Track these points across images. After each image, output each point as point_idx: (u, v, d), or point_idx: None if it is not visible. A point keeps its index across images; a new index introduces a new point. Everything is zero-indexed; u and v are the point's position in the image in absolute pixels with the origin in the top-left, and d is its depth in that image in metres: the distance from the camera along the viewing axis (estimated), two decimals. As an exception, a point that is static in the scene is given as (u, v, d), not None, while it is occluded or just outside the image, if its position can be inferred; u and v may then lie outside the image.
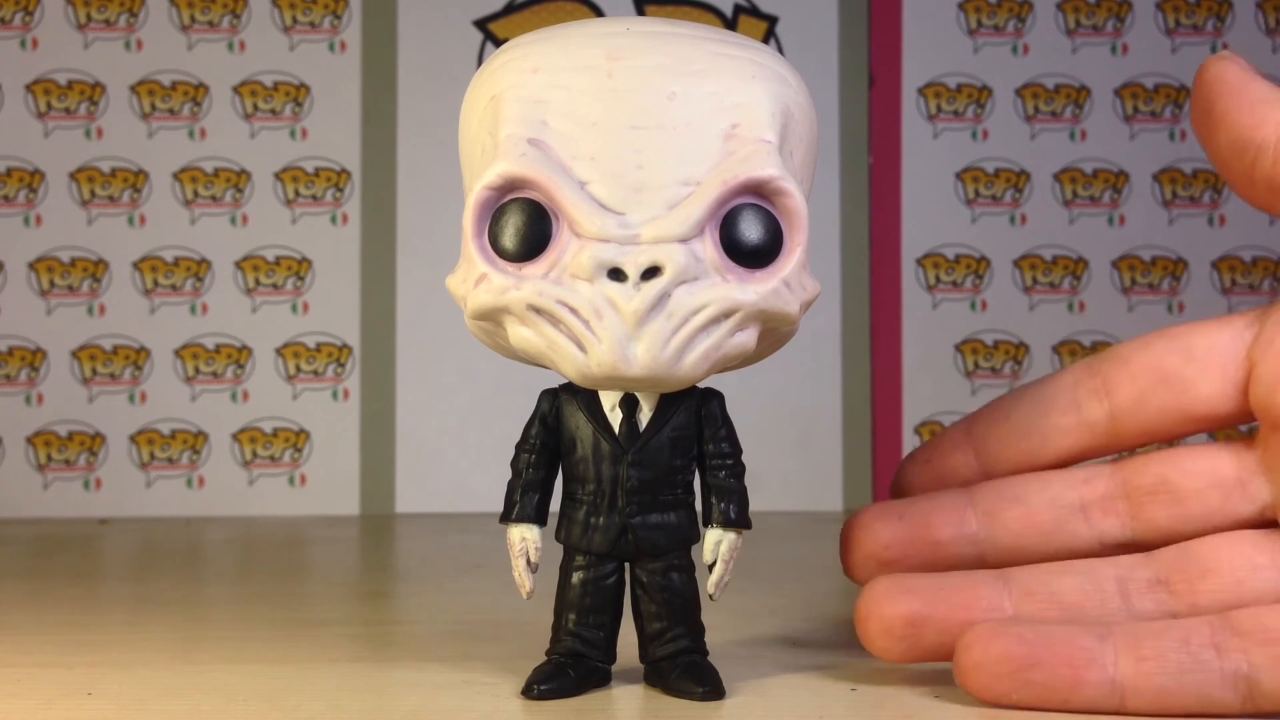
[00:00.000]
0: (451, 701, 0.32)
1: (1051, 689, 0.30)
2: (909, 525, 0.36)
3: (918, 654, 0.33)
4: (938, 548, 0.35)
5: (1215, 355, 0.34)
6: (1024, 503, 0.35)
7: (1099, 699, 0.30)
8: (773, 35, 0.75)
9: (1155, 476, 0.34)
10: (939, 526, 0.35)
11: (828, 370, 0.74)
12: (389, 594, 0.51)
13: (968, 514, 0.36)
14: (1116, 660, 0.30)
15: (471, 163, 0.33)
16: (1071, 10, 0.76)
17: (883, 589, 0.33)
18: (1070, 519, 0.35)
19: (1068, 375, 0.37)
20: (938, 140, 0.76)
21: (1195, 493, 0.34)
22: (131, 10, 0.73)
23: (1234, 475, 0.34)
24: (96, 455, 0.72)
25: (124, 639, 0.40)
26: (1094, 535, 0.35)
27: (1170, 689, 0.30)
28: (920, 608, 0.33)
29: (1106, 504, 0.35)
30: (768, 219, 0.30)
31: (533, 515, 0.33)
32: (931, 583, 0.33)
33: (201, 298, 0.73)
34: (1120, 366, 0.35)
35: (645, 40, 0.31)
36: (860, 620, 0.33)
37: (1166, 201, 0.76)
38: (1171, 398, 0.35)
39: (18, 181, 0.72)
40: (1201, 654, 0.30)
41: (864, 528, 0.36)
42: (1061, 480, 0.36)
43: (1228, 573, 0.32)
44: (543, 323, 0.30)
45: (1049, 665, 0.30)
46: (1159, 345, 0.35)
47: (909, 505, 0.36)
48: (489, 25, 0.74)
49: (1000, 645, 0.31)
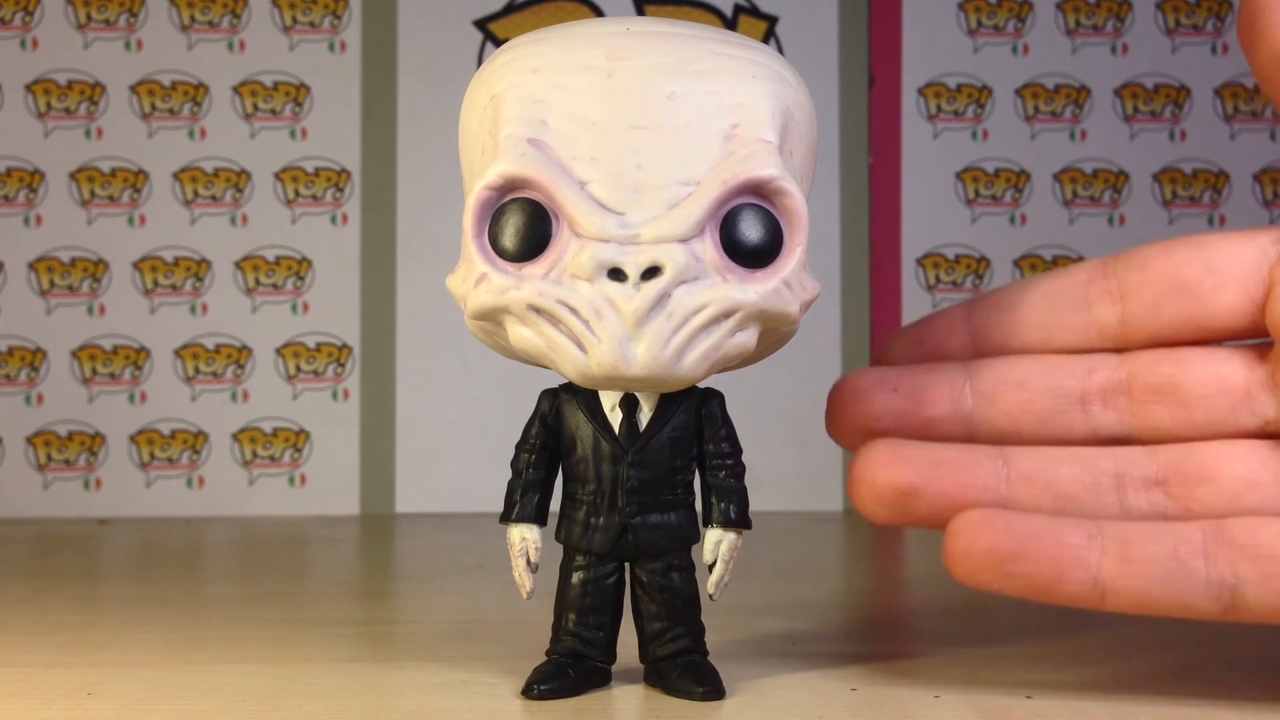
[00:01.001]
0: (451, 701, 0.32)
1: (1033, 583, 0.30)
2: (903, 398, 0.34)
3: (907, 522, 0.33)
4: (930, 424, 0.34)
5: (1236, 269, 0.33)
6: (1024, 388, 0.34)
7: (1079, 595, 0.30)
8: (773, 35, 0.75)
9: (1162, 376, 0.33)
10: (934, 403, 0.34)
11: (828, 370, 0.74)
12: (389, 594, 0.51)
13: (964, 392, 0.34)
14: (1101, 560, 0.30)
15: (471, 163, 0.33)
16: (1071, 10, 0.76)
17: (879, 456, 0.32)
18: (1068, 409, 0.34)
19: (1080, 272, 0.35)
20: (938, 140, 0.76)
21: (1201, 399, 0.33)
22: (131, 10, 0.73)
23: (1242, 386, 0.33)
24: (96, 455, 0.72)
25: (124, 639, 0.40)
26: (1090, 428, 0.34)
27: (1152, 593, 0.30)
28: (915, 479, 0.32)
29: (1108, 397, 0.34)
30: (768, 219, 0.30)
31: (533, 515, 0.33)
32: (928, 454, 0.33)
33: (201, 298, 0.73)
34: (1137, 270, 0.34)
35: (645, 40, 0.31)
36: (853, 483, 0.33)
37: (1166, 201, 0.76)
38: (1187, 307, 0.33)
39: (18, 181, 0.72)
40: (1190, 562, 0.30)
41: (857, 396, 0.35)
42: (1064, 368, 0.34)
43: (1226, 484, 0.32)
44: (543, 323, 0.30)
45: (1033, 560, 0.30)
46: (1180, 253, 0.34)
47: (904, 377, 0.35)
48: (489, 25, 0.74)
49: (987, 536, 0.30)
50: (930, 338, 0.36)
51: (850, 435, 0.35)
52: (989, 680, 0.34)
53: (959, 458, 0.33)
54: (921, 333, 0.36)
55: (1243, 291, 0.33)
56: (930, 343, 0.36)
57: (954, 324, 0.36)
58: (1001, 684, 0.34)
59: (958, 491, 0.32)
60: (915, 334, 0.37)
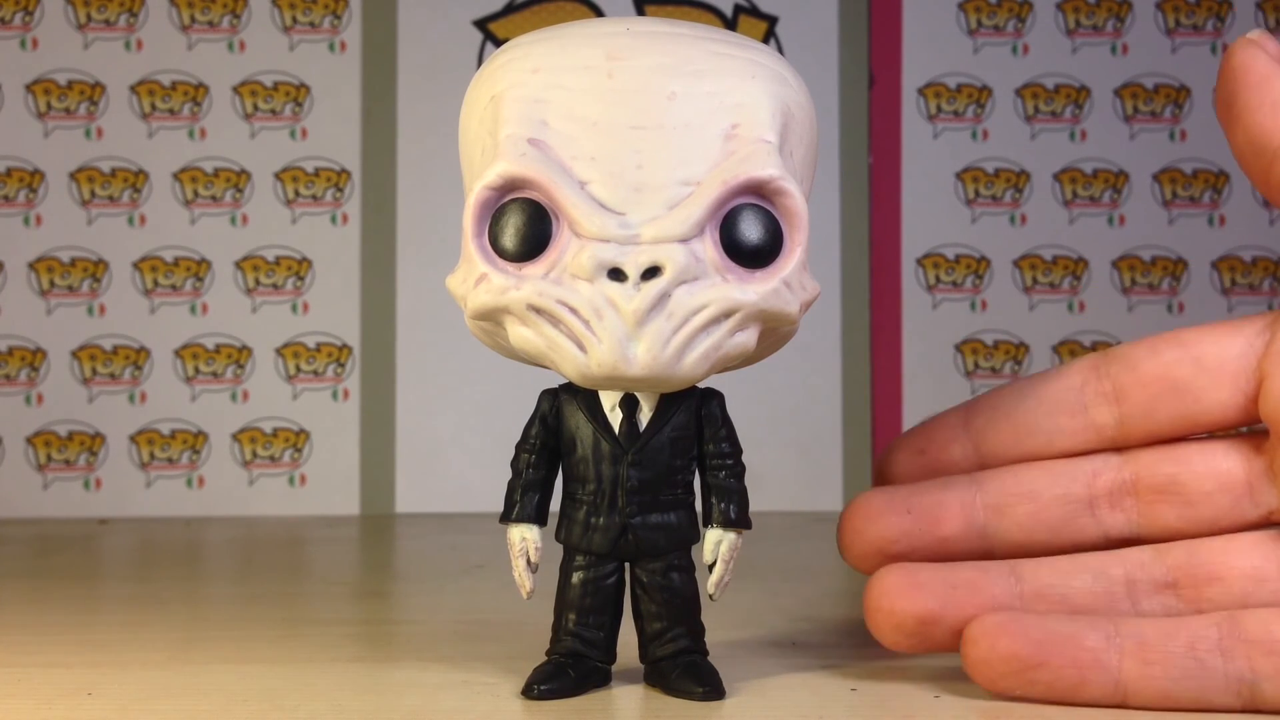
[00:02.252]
0: (451, 701, 0.32)
1: (1055, 688, 0.31)
2: (917, 520, 0.35)
3: (927, 648, 0.33)
4: (945, 543, 0.35)
5: (1227, 365, 0.34)
6: (1033, 499, 0.35)
7: (1101, 697, 0.31)
8: (773, 35, 0.75)
9: (1165, 477, 0.34)
10: (947, 522, 0.35)
11: (828, 370, 0.74)
12: (389, 594, 0.51)
13: (975, 508, 0.35)
14: (1121, 661, 0.31)
15: (471, 163, 0.33)
16: (1071, 10, 0.76)
17: (894, 584, 0.33)
18: (1078, 515, 0.35)
19: (1073, 375, 0.36)
20: (938, 140, 0.76)
21: (1205, 495, 0.34)
22: (131, 10, 0.73)
23: (1243, 479, 0.34)
24: (96, 455, 0.72)
25: (124, 639, 0.40)
26: (1100, 531, 0.35)
27: (1173, 692, 0.30)
28: (933, 606, 0.33)
29: (1115, 499, 0.35)
30: (768, 219, 0.30)
31: (533, 515, 0.33)
32: (942, 578, 0.33)
33: (201, 298, 0.73)
34: (1129, 371, 0.35)
35: (645, 40, 0.31)
36: (870, 613, 0.33)
37: (1166, 201, 0.76)
38: (1182, 407, 0.34)
39: (18, 181, 0.72)
40: (1207, 659, 0.30)
41: (869, 520, 0.35)
42: (1070, 474, 0.35)
43: (1234, 582, 0.32)
44: (543, 323, 0.30)
45: (1054, 666, 0.31)
46: (1169, 354, 0.35)
47: (914, 497, 0.35)
48: (489, 25, 0.74)
49: (1006, 644, 0.31)
50: (932, 448, 0.37)
51: (866, 559, 0.35)
52: (989, 680, 0.34)
53: (973, 579, 0.33)
54: (923, 443, 0.37)
55: (1235, 387, 0.34)
56: (932, 452, 0.37)
57: (954, 432, 0.37)
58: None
59: (976, 613, 0.32)
60: (916, 444, 0.37)
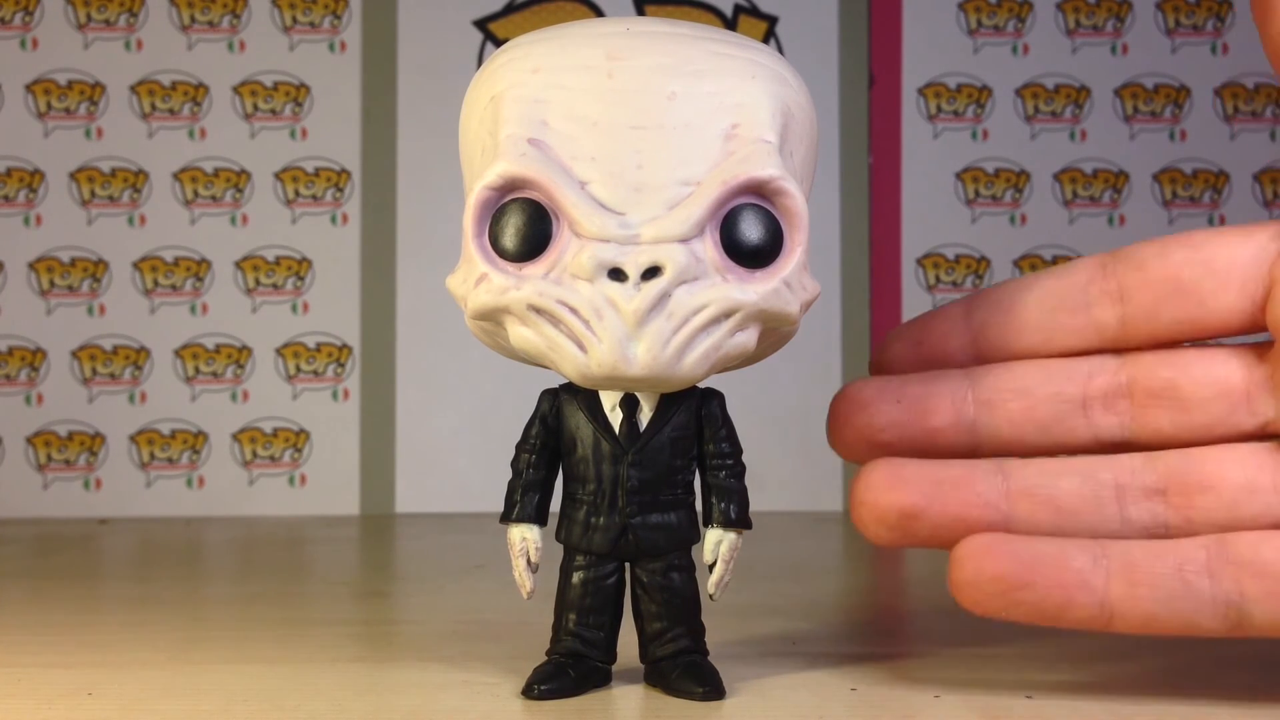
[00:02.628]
0: (451, 701, 0.32)
1: (1041, 609, 0.31)
2: (906, 410, 0.34)
3: (910, 543, 0.33)
4: (934, 434, 0.34)
5: (1236, 269, 0.33)
6: (1026, 395, 0.34)
7: (1087, 619, 0.31)
8: (773, 35, 0.75)
9: (1162, 381, 0.33)
10: (937, 414, 0.34)
11: (828, 370, 0.74)
12: (389, 594, 0.51)
13: (966, 401, 0.34)
14: (1108, 583, 0.30)
15: (472, 163, 0.33)
16: (1071, 10, 0.76)
17: (880, 478, 0.33)
18: (1070, 414, 0.34)
19: (1079, 272, 0.35)
20: (938, 140, 0.76)
21: (1201, 402, 0.33)
22: (131, 10, 0.73)
23: (1241, 388, 0.33)
24: (96, 455, 0.72)
25: (124, 639, 0.40)
26: (1091, 433, 0.34)
27: (1159, 614, 0.30)
28: (917, 501, 0.32)
29: (1109, 401, 0.34)
30: (768, 219, 0.30)
31: (533, 515, 0.33)
32: (929, 474, 0.33)
33: (201, 298, 0.73)
34: (1136, 271, 0.34)
35: (645, 40, 0.31)
36: (854, 506, 0.33)
37: (1166, 201, 0.76)
38: (1187, 309, 0.33)
39: (18, 181, 0.72)
40: (1195, 581, 0.30)
41: (860, 407, 0.35)
42: (1065, 373, 0.34)
43: (1225, 492, 0.32)
44: (543, 323, 0.30)
45: (1040, 587, 0.30)
46: (1178, 254, 0.34)
47: (905, 386, 0.35)
48: (489, 25, 0.74)
49: (992, 565, 0.31)
50: (930, 339, 0.36)
51: (853, 447, 0.35)
52: (989, 680, 0.34)
53: (959, 475, 0.33)
54: (921, 333, 0.36)
55: (1242, 292, 0.33)
56: (930, 344, 0.36)
57: (953, 324, 0.36)
58: (1001, 684, 0.34)
59: (959, 510, 0.32)
60: (914, 334, 0.36)
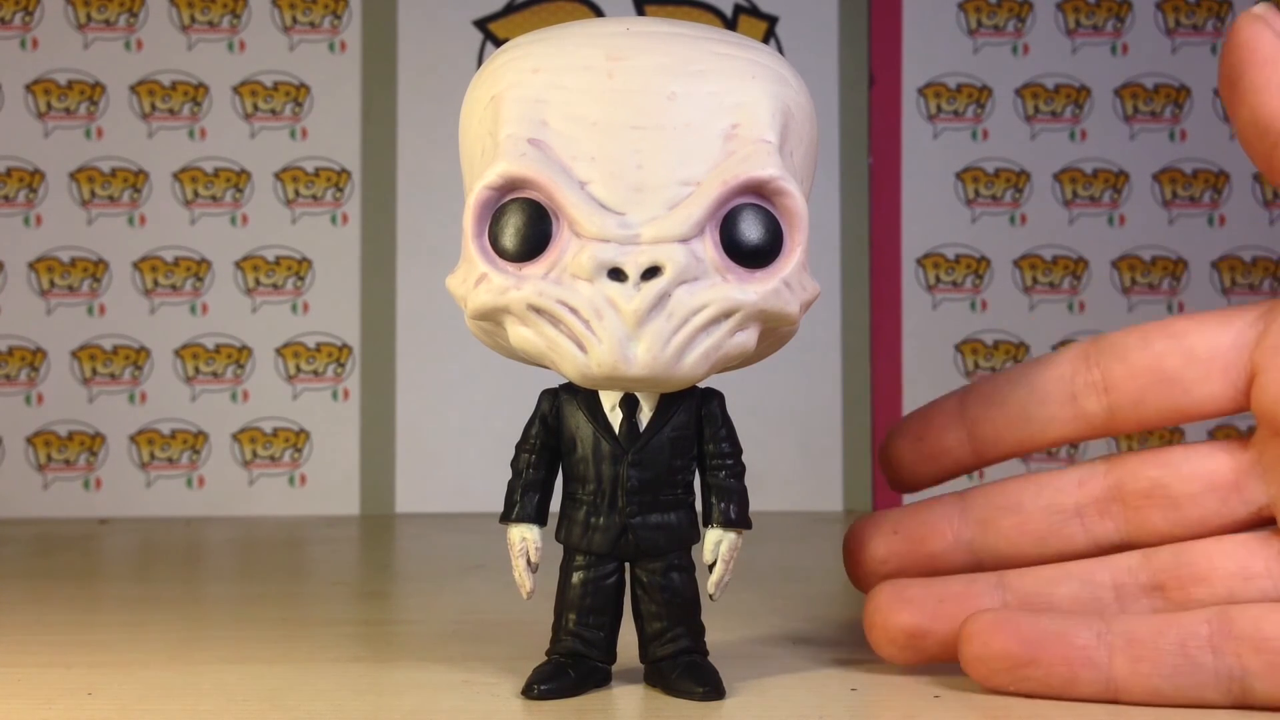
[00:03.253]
0: (451, 701, 0.32)
1: (1047, 684, 0.31)
2: (904, 540, 0.36)
3: (923, 659, 0.34)
4: (935, 559, 0.36)
5: (1217, 357, 0.34)
6: (1018, 511, 0.35)
7: (1093, 694, 0.31)
8: (773, 35, 0.75)
9: (1150, 481, 0.34)
10: (934, 540, 0.36)
11: (828, 370, 0.74)
12: (389, 594, 0.51)
13: (961, 524, 0.36)
14: (1111, 658, 0.31)
15: (472, 163, 0.33)
16: (1071, 10, 0.76)
17: (884, 600, 0.34)
18: (1065, 524, 0.35)
19: (1064, 364, 0.36)
20: (938, 140, 0.76)
21: (1191, 497, 0.34)
22: (131, 10, 0.73)
23: (1230, 478, 0.34)
24: (96, 455, 0.72)
25: (124, 639, 0.40)
26: (1089, 539, 0.35)
27: (1163, 689, 0.31)
28: (920, 620, 0.34)
29: (1101, 507, 0.35)
30: (768, 219, 0.30)
31: (533, 515, 0.33)
32: (931, 592, 0.34)
33: (201, 298, 0.73)
34: (1119, 362, 0.35)
35: (645, 40, 0.31)
36: (868, 629, 0.34)
37: (1166, 201, 0.76)
38: (1171, 399, 0.34)
39: (18, 181, 0.72)
40: (1198, 656, 0.30)
41: (861, 544, 0.36)
42: (1055, 485, 0.35)
43: (1220, 581, 0.32)
44: (543, 323, 0.30)
45: (1045, 663, 0.31)
46: (1159, 344, 0.35)
47: (902, 518, 0.36)
48: (489, 25, 0.74)
49: (999, 642, 0.31)
50: (929, 434, 0.37)
51: (864, 580, 0.36)
52: (989, 680, 0.34)
53: (960, 592, 0.34)
54: (920, 429, 0.38)
55: (1225, 379, 0.34)
56: (929, 440, 0.37)
57: (950, 419, 0.37)
58: (1001, 684, 0.34)
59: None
60: (914, 430, 0.38)
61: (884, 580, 0.35)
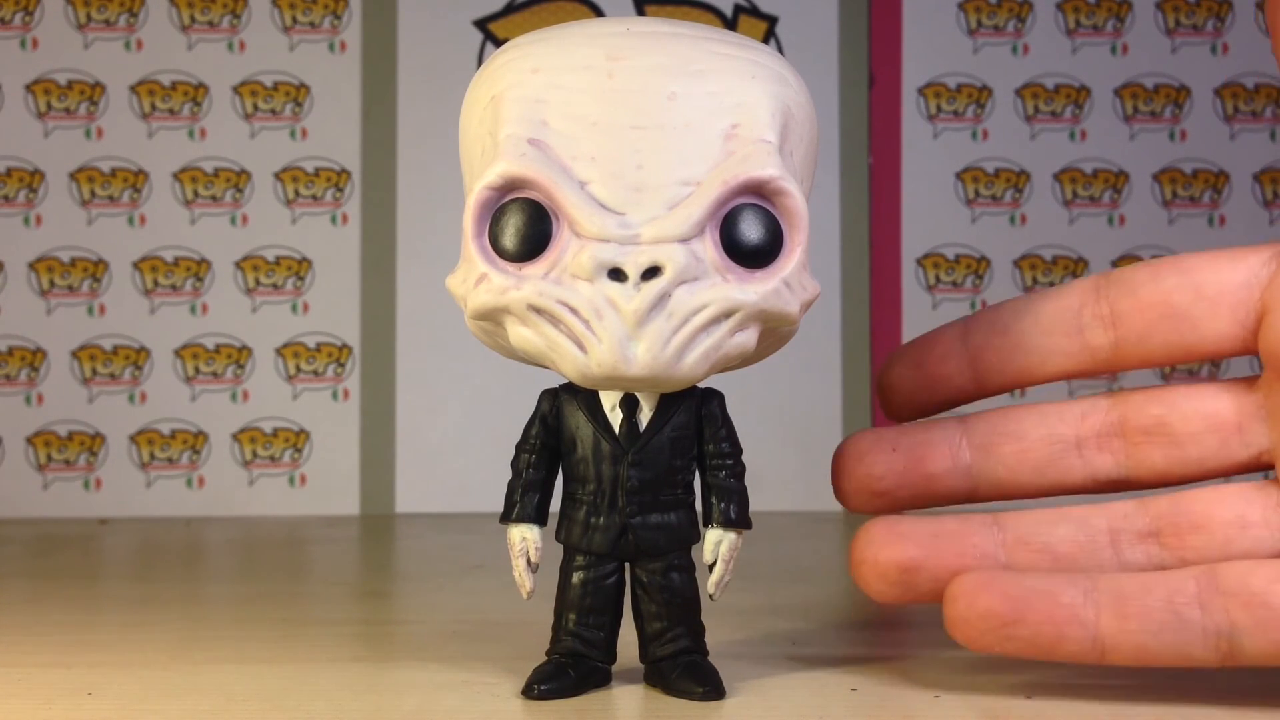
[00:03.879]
0: (451, 701, 0.32)
1: (1034, 644, 0.31)
2: (903, 457, 0.35)
3: (911, 598, 0.33)
4: (931, 480, 0.35)
5: (1226, 295, 0.33)
6: (1020, 438, 0.35)
7: (1080, 653, 0.31)
8: (773, 35, 0.75)
9: (1153, 418, 0.34)
10: (933, 459, 0.35)
11: (828, 370, 0.74)
12: (389, 594, 0.51)
13: (961, 447, 0.35)
14: (1099, 616, 0.31)
15: (471, 163, 0.33)
16: (1071, 10, 0.76)
17: (878, 534, 0.33)
18: (1065, 455, 0.34)
19: (1072, 295, 0.35)
20: (938, 140, 0.76)
21: (1192, 436, 0.34)
22: (131, 10, 0.73)
23: (1233, 419, 0.33)
24: (96, 455, 0.72)
25: (124, 639, 0.40)
26: (1087, 472, 0.34)
27: (1150, 646, 0.30)
28: (915, 554, 0.33)
29: (1102, 441, 0.34)
30: (768, 219, 0.30)
31: (533, 515, 0.33)
32: (926, 528, 0.33)
33: (201, 298, 0.73)
34: (1128, 296, 0.34)
35: (645, 40, 0.31)
36: (855, 564, 0.34)
37: (1166, 201, 0.76)
38: (1178, 334, 0.34)
39: (18, 181, 0.72)
40: (1185, 612, 0.30)
41: (857, 458, 0.35)
42: (1057, 415, 0.35)
43: (1217, 529, 0.32)
44: (543, 323, 0.30)
45: (1031, 622, 0.31)
46: (1170, 279, 0.34)
47: (902, 435, 0.36)
48: (489, 25, 0.74)
49: (984, 601, 0.31)
50: (929, 360, 0.37)
51: (854, 497, 0.36)
52: (989, 681, 0.34)
53: (955, 529, 0.33)
54: (920, 355, 0.37)
55: (1233, 317, 0.33)
56: (929, 366, 0.37)
57: (951, 346, 0.37)
58: (1001, 684, 0.34)
59: (957, 561, 0.33)
60: (915, 356, 0.37)
61: (875, 498, 0.35)
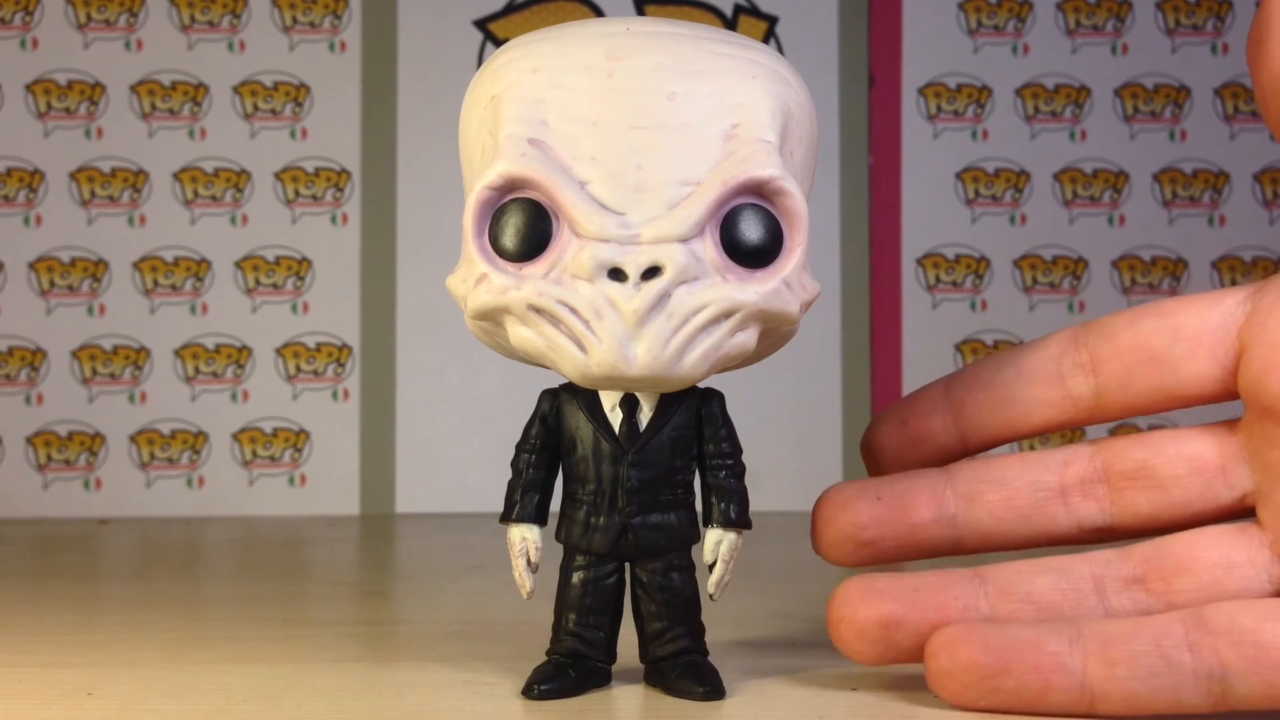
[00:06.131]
0: (451, 701, 0.32)
1: (1020, 695, 0.30)
2: (887, 506, 0.34)
3: (892, 657, 0.33)
4: (916, 530, 0.34)
5: (1204, 335, 0.33)
6: (1004, 486, 0.34)
7: (1068, 704, 0.30)
8: (773, 35, 0.75)
9: (1136, 462, 0.34)
10: (917, 508, 0.34)
11: (828, 370, 0.74)
12: (389, 594, 0.51)
13: (946, 495, 0.35)
14: (1085, 664, 0.30)
15: (472, 163, 0.33)
16: (1071, 10, 0.76)
17: (855, 591, 0.33)
18: (1049, 503, 0.34)
19: (1052, 345, 0.35)
20: (938, 140, 0.76)
21: (1176, 479, 0.33)
22: (131, 10, 0.73)
23: (1216, 462, 0.33)
24: (96, 455, 0.72)
25: (124, 639, 0.40)
26: (1073, 520, 0.34)
27: (1140, 693, 0.30)
28: (895, 610, 0.32)
29: (1086, 488, 0.34)
30: (768, 219, 0.30)
31: (533, 515, 0.33)
32: (905, 584, 0.33)
33: (201, 298, 0.73)
34: (1107, 342, 0.34)
35: (645, 40, 0.31)
36: (833, 623, 0.33)
37: (1166, 201, 0.76)
38: (1158, 377, 0.34)
39: (18, 181, 0.72)
40: (1175, 655, 0.29)
41: (840, 507, 0.35)
42: (1041, 463, 0.35)
43: (1204, 572, 0.32)
44: (543, 323, 0.30)
45: (1016, 673, 0.30)
46: (1147, 323, 0.34)
47: (886, 485, 0.35)
48: (489, 25, 0.74)
49: (966, 653, 0.30)
50: (913, 419, 0.36)
51: (838, 547, 0.35)
52: (989, 680, 0.34)
53: (936, 582, 0.33)
54: (904, 414, 0.37)
55: (1212, 357, 0.33)
56: (914, 423, 0.36)
57: (935, 403, 0.36)
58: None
59: (939, 615, 0.32)
60: (898, 415, 0.37)
61: (858, 549, 0.34)
